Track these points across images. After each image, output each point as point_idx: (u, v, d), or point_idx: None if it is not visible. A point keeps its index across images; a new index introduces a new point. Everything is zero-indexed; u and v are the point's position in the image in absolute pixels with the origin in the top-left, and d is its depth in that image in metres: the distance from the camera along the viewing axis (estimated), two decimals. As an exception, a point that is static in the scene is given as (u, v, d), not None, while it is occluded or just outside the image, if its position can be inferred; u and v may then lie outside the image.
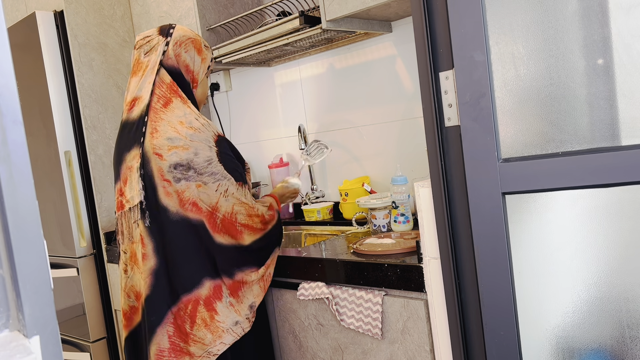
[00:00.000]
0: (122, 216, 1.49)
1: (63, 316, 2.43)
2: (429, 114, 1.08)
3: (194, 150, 1.39)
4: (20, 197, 0.47)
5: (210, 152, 1.41)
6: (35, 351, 0.46)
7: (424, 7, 1.05)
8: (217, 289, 1.41)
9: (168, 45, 1.47)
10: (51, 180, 2.29)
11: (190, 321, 1.39)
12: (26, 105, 2.35)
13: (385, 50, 1.93)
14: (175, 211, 1.39)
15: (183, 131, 1.40)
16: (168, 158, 1.38)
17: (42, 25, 2.20)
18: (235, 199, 1.43)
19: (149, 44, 1.50)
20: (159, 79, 1.45)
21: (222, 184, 1.41)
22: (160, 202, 1.39)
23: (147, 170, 1.39)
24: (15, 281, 0.47)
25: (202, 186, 1.39)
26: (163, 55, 1.46)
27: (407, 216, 1.63)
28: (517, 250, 1.03)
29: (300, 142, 2.13)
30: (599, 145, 0.94)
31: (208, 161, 1.40)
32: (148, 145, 1.40)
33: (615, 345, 1.01)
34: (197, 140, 1.40)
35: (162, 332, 1.39)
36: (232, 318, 1.42)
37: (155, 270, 1.40)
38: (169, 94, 1.44)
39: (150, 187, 1.39)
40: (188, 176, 1.38)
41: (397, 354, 1.32)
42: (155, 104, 1.43)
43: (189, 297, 1.40)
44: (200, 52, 1.54)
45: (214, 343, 1.40)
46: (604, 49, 0.93)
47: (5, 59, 0.46)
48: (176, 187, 1.38)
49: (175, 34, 1.49)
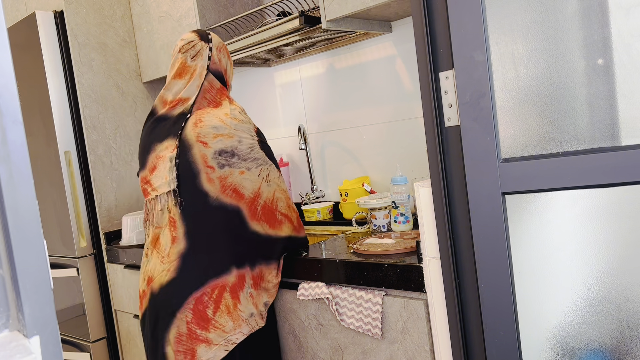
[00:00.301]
0: (148, 203, 1.55)
1: (63, 316, 2.43)
2: (429, 114, 1.08)
3: (237, 139, 1.47)
4: (20, 197, 0.47)
5: (252, 139, 1.50)
6: (35, 351, 0.46)
7: (424, 7, 1.05)
8: (242, 278, 1.45)
9: (212, 51, 1.58)
10: (51, 180, 2.29)
11: (215, 306, 1.42)
12: (26, 105, 2.35)
13: (385, 50, 1.93)
14: (215, 197, 1.44)
15: (227, 121, 1.49)
16: (213, 145, 1.45)
17: (42, 25, 2.20)
18: (276, 184, 1.51)
19: (194, 48, 1.58)
20: (207, 83, 1.56)
21: (264, 169, 1.49)
22: (201, 187, 1.44)
23: (186, 157, 1.45)
24: (15, 281, 0.47)
25: (246, 172, 1.46)
26: (209, 60, 1.57)
27: (407, 216, 1.63)
28: (517, 250, 1.03)
29: (300, 142, 2.13)
30: (599, 145, 0.94)
31: (251, 148, 1.49)
32: (190, 133, 1.46)
33: (615, 345, 1.01)
34: (240, 130, 1.49)
35: (182, 317, 1.42)
36: (250, 309, 1.46)
37: (184, 254, 1.44)
38: (219, 98, 1.56)
39: (189, 174, 1.44)
40: (232, 162, 1.45)
41: (397, 354, 1.32)
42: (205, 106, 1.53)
43: (216, 282, 1.43)
44: (229, 56, 1.67)
45: (234, 331, 1.43)
46: (604, 49, 0.93)
47: (5, 59, 0.46)
48: (219, 173, 1.44)
49: (214, 40, 1.61)
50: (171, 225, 1.46)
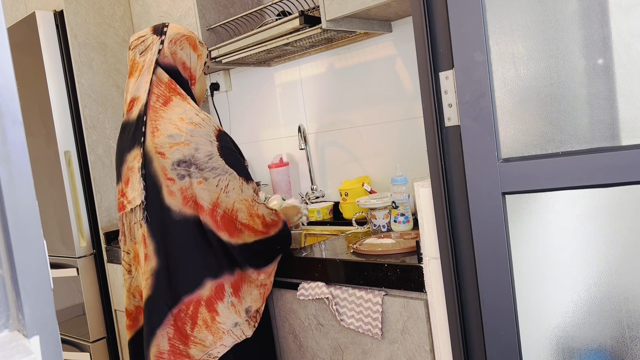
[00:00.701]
0: (124, 217, 1.49)
1: (63, 316, 2.43)
2: (429, 114, 1.08)
3: (194, 146, 1.38)
4: (20, 197, 0.47)
5: (211, 146, 1.40)
6: (35, 351, 0.46)
7: (424, 7, 1.05)
8: (219, 288, 1.41)
9: (163, 44, 1.46)
10: (51, 180, 2.29)
11: (192, 322, 1.39)
12: (26, 105, 2.35)
13: (385, 50, 1.93)
14: (178, 211, 1.38)
15: (184, 127, 1.39)
16: (170, 156, 1.37)
17: (42, 25, 2.20)
18: (236, 194, 1.41)
19: (144, 43, 1.49)
20: (156, 77, 1.44)
21: (222, 179, 1.39)
22: (163, 202, 1.38)
23: (149, 170, 1.39)
24: (15, 281, 0.47)
25: (203, 182, 1.38)
26: (159, 54, 1.45)
27: (407, 216, 1.63)
28: (517, 250, 1.03)
29: (300, 142, 2.13)
30: (599, 145, 0.94)
31: (209, 156, 1.39)
32: (150, 144, 1.39)
33: (615, 345, 1.01)
34: (197, 135, 1.39)
35: (162, 334, 1.39)
36: (232, 319, 1.41)
37: (156, 271, 1.40)
38: (168, 93, 1.44)
39: (153, 187, 1.39)
40: (190, 172, 1.37)
41: (397, 354, 1.32)
42: (154, 103, 1.42)
43: (190, 297, 1.39)
44: (196, 48, 1.53)
45: (215, 345, 1.39)
46: (604, 49, 0.93)
47: (5, 59, 0.46)
48: (180, 184, 1.37)
49: (169, 32, 1.48)
50: (143, 242, 1.42)
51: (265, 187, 2.41)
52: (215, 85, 2.49)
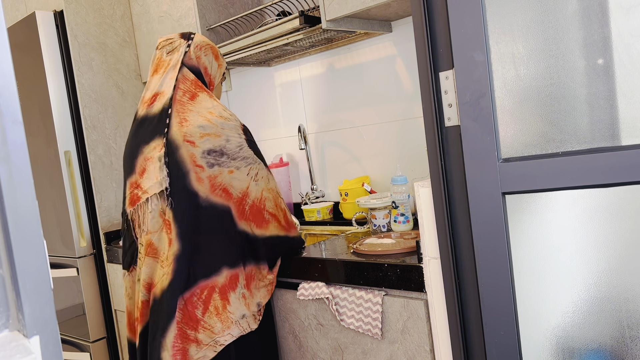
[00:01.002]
0: (138, 209, 1.50)
1: (63, 316, 2.43)
2: (429, 114, 1.08)
3: (225, 137, 1.45)
4: (20, 197, 0.47)
5: (240, 138, 1.48)
6: (35, 351, 0.46)
7: (424, 7, 1.05)
8: (234, 278, 1.44)
9: (190, 47, 1.57)
10: (51, 180, 2.29)
11: (203, 307, 1.41)
12: (26, 105, 2.35)
13: (385, 50, 1.93)
14: (205, 197, 1.42)
15: (214, 120, 1.46)
16: (201, 145, 1.43)
17: (42, 25, 2.20)
18: (264, 183, 1.49)
19: (171, 44, 1.58)
20: (181, 75, 1.53)
21: (253, 167, 1.47)
22: (190, 187, 1.42)
23: (174, 158, 1.43)
24: (15, 281, 0.47)
25: (235, 171, 1.44)
26: (185, 55, 1.55)
27: (407, 216, 1.63)
28: (517, 250, 1.03)
29: (300, 142, 2.13)
30: (599, 145, 0.94)
31: (239, 146, 1.47)
32: (177, 133, 1.44)
33: (615, 345, 1.01)
34: (227, 128, 1.47)
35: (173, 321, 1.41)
36: (241, 311, 1.44)
37: (178, 256, 1.42)
38: (194, 89, 1.52)
39: (178, 173, 1.42)
40: (221, 162, 1.43)
41: (397, 354, 1.32)
42: (180, 97, 1.50)
43: (206, 282, 1.42)
44: (218, 58, 1.64)
45: (222, 333, 1.42)
46: (604, 49, 0.93)
47: (5, 59, 0.46)
48: (209, 172, 1.42)
49: (196, 38, 1.60)
50: (167, 227, 1.44)
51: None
52: (215, 85, 2.49)
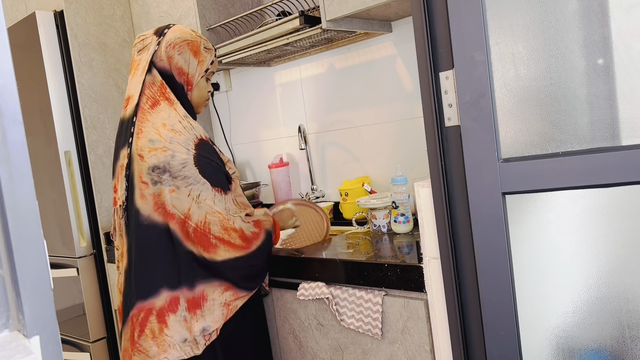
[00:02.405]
0: (114, 212, 1.51)
1: (63, 316, 2.43)
2: (429, 114, 1.08)
3: (171, 153, 1.35)
4: (20, 197, 0.47)
5: (187, 154, 1.36)
6: (35, 351, 0.46)
7: (424, 7, 1.05)
8: (174, 301, 1.36)
9: (159, 45, 1.44)
10: (51, 180, 2.29)
11: (140, 329, 1.36)
12: (26, 105, 2.35)
13: (385, 50, 1.93)
14: (146, 215, 1.36)
15: (164, 133, 1.37)
16: (148, 160, 1.36)
17: (42, 25, 2.20)
18: (208, 206, 1.36)
19: (142, 42, 1.49)
20: (150, 78, 1.43)
21: (194, 188, 1.35)
22: (134, 204, 1.38)
23: (130, 171, 1.40)
24: (15, 281, 0.47)
25: (175, 191, 1.34)
26: (153, 55, 1.44)
27: (407, 216, 1.63)
28: (517, 250, 1.03)
29: (300, 142, 2.13)
30: (599, 145, 0.94)
31: (183, 164, 1.35)
32: (134, 146, 1.39)
33: (615, 345, 1.01)
34: (175, 143, 1.36)
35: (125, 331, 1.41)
36: (182, 335, 1.36)
37: (126, 270, 1.42)
38: (157, 96, 1.42)
39: (131, 187, 1.39)
40: (163, 179, 1.35)
41: (397, 354, 1.32)
42: (143, 104, 1.42)
43: (143, 304, 1.37)
44: (197, 54, 1.48)
45: (158, 357, 1.36)
46: (604, 49, 0.93)
47: (5, 59, 0.46)
48: (152, 189, 1.36)
49: (169, 35, 1.46)
50: (121, 239, 1.44)
51: (266, 187, 2.41)
52: (215, 85, 2.49)
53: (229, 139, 2.57)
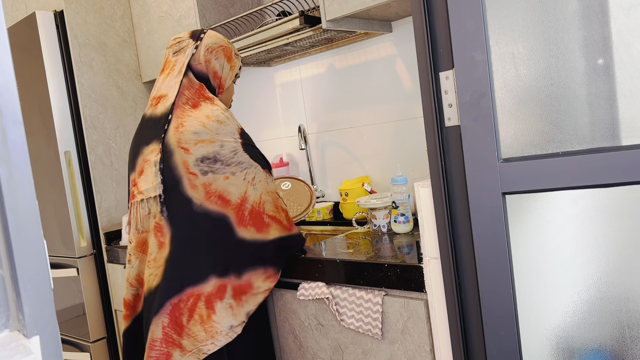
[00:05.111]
0: (132, 206, 1.52)
1: (63, 316, 2.43)
2: (429, 114, 1.08)
3: (219, 143, 1.43)
4: (20, 197, 0.47)
5: (235, 142, 1.45)
6: (35, 351, 0.46)
7: (424, 7, 1.05)
8: (222, 288, 1.41)
9: (197, 49, 1.52)
10: (51, 180, 2.29)
11: (189, 314, 1.40)
12: (26, 105, 2.35)
13: (385, 50, 1.93)
14: (199, 203, 1.41)
15: (209, 124, 1.43)
16: (194, 152, 1.41)
17: (42, 25, 2.20)
18: (262, 186, 1.46)
19: (179, 44, 1.55)
20: (187, 80, 1.50)
21: (249, 172, 1.45)
22: (184, 194, 1.40)
23: (168, 164, 1.42)
24: (15, 281, 0.47)
25: (230, 177, 1.42)
26: (191, 58, 1.51)
27: (407, 216, 1.63)
28: (517, 250, 1.03)
29: (301, 142, 2.13)
30: (599, 145, 0.94)
31: (234, 152, 1.44)
32: (172, 138, 1.42)
33: (615, 345, 1.01)
34: (222, 133, 1.44)
35: (157, 322, 1.40)
36: (229, 321, 1.41)
37: (169, 260, 1.42)
38: (197, 98, 1.49)
39: (172, 180, 1.41)
40: (215, 169, 1.41)
41: (397, 354, 1.32)
42: (183, 104, 1.47)
43: (192, 290, 1.40)
44: (230, 60, 1.58)
45: (206, 342, 1.40)
46: (604, 49, 0.93)
47: (5, 59, 0.46)
48: (203, 179, 1.40)
49: (206, 39, 1.54)
50: (157, 230, 1.43)
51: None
52: (215, 85, 2.50)
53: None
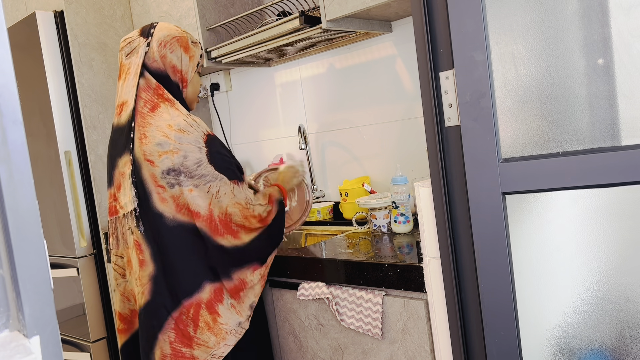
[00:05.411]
0: (117, 221, 1.48)
1: (63, 316, 2.43)
2: (429, 114, 1.08)
3: (183, 154, 1.36)
4: (20, 197, 0.47)
5: (199, 153, 1.38)
6: (35, 351, 0.46)
7: (424, 7, 1.05)
8: (218, 291, 1.40)
9: (149, 46, 1.43)
10: (51, 180, 2.29)
11: (194, 325, 1.38)
12: (26, 105, 2.35)
13: (385, 50, 1.93)
14: (171, 217, 1.37)
15: (172, 134, 1.37)
16: (160, 164, 1.36)
17: (42, 25, 2.20)
18: (227, 199, 1.40)
19: (130, 45, 1.46)
20: (143, 82, 1.41)
21: (213, 185, 1.38)
22: (155, 208, 1.37)
23: (139, 177, 1.38)
24: (15, 281, 0.47)
25: (194, 190, 1.36)
26: (145, 57, 1.42)
27: (407, 216, 1.63)
28: (517, 250, 1.03)
29: (301, 142, 2.13)
30: (599, 145, 0.94)
31: (197, 163, 1.37)
32: (138, 151, 1.38)
33: (615, 345, 1.01)
34: (185, 143, 1.37)
35: (164, 338, 1.38)
36: (235, 319, 1.41)
37: (154, 276, 1.39)
38: (155, 99, 1.41)
39: (144, 193, 1.38)
40: (180, 181, 1.36)
41: (397, 354, 1.32)
42: (141, 108, 1.40)
43: (190, 301, 1.38)
44: (188, 49, 1.48)
45: (218, 345, 1.39)
46: (604, 49, 0.93)
47: (5, 59, 0.46)
48: (171, 192, 1.36)
49: (157, 34, 1.44)
50: (137, 247, 1.41)
51: (265, 187, 2.41)
52: (215, 85, 2.49)
53: (229, 139, 2.57)
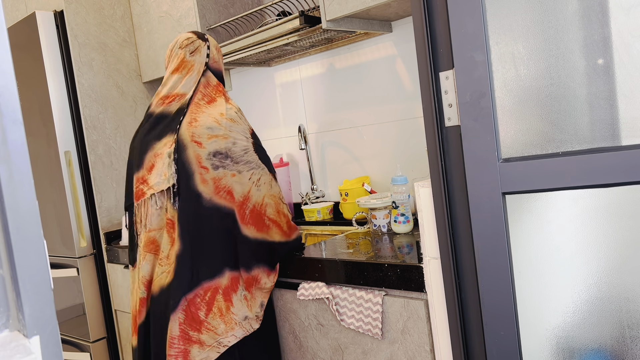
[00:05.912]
0: (142, 205, 1.52)
1: (63, 316, 2.43)
2: (429, 114, 1.08)
3: (232, 140, 1.47)
4: (20, 197, 0.47)
5: (246, 142, 1.50)
6: (35, 351, 0.46)
7: (424, 7, 1.05)
8: (235, 280, 1.45)
9: (210, 49, 1.61)
10: (51, 180, 2.29)
11: (207, 308, 1.42)
12: (26, 105, 2.35)
13: (385, 50, 1.93)
14: (208, 198, 1.43)
15: (223, 122, 1.48)
16: (207, 146, 1.44)
17: (42, 25, 2.20)
18: (266, 189, 1.50)
19: (193, 44, 1.60)
20: (204, 80, 1.57)
21: (255, 172, 1.48)
22: (194, 188, 1.43)
23: (182, 158, 1.44)
24: (15, 281, 0.47)
25: (237, 175, 1.45)
26: (208, 58, 1.59)
27: (407, 216, 1.63)
28: (517, 250, 1.03)
29: (300, 142, 2.13)
30: (599, 145, 0.94)
31: (244, 150, 1.48)
32: (185, 133, 1.45)
33: (615, 345, 1.01)
34: (235, 131, 1.48)
35: (175, 319, 1.41)
36: (244, 312, 1.45)
37: (180, 256, 1.42)
38: (214, 94, 1.56)
39: (184, 173, 1.43)
40: (225, 164, 1.44)
41: (397, 354, 1.32)
42: (199, 100, 1.53)
43: (209, 284, 1.42)
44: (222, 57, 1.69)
45: (226, 334, 1.43)
46: (604, 49, 0.93)
47: (5, 59, 0.46)
48: (213, 174, 1.43)
49: (211, 40, 1.63)
50: (169, 227, 1.45)
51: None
52: (215, 85, 2.49)
53: (229, 139, 2.57)
